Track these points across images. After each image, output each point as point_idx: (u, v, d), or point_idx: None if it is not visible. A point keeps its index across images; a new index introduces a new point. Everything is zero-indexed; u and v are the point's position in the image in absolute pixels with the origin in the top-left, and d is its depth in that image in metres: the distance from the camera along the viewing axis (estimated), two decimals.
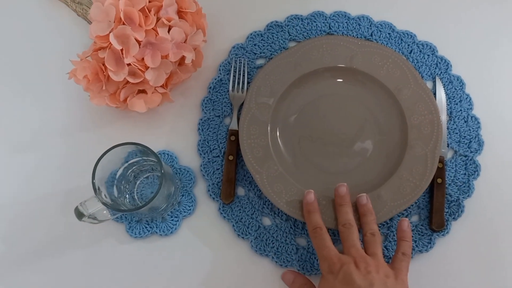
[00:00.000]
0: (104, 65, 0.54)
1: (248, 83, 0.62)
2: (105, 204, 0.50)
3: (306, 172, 0.59)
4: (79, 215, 0.50)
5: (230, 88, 0.62)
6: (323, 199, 0.56)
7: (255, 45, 0.64)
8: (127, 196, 0.57)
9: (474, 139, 0.61)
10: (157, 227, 0.57)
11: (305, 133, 0.60)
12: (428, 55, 0.64)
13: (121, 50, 0.53)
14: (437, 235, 0.57)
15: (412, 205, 0.58)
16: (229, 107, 0.62)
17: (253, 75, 0.63)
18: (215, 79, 0.63)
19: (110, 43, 0.52)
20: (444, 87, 0.63)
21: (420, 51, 0.64)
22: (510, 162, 0.60)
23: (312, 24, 0.65)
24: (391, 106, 0.60)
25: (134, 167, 0.57)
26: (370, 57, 0.61)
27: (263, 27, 0.65)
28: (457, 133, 0.61)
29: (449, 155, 0.60)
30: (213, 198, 0.59)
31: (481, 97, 0.63)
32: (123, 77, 0.54)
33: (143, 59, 0.54)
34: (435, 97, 0.62)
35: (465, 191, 0.59)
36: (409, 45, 0.65)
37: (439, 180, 0.58)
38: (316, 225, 0.52)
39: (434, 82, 0.63)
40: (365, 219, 0.54)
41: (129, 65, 0.53)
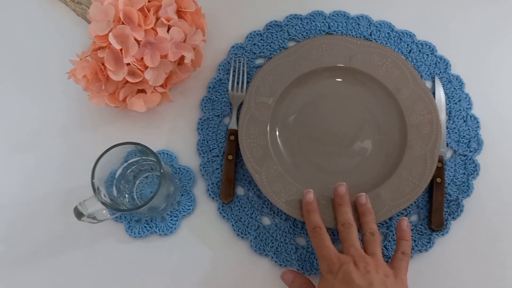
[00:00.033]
0: (103, 64, 0.54)
1: (248, 82, 0.62)
2: (104, 203, 0.50)
3: (305, 172, 0.59)
4: (79, 214, 0.50)
5: (230, 87, 0.62)
6: (323, 198, 0.56)
7: (254, 44, 0.64)
8: (126, 195, 0.57)
9: (473, 139, 0.61)
10: (156, 227, 0.57)
11: (305, 133, 0.60)
12: (427, 54, 0.64)
13: (121, 49, 0.53)
14: (436, 234, 0.57)
15: (412, 205, 0.58)
16: (228, 106, 0.62)
17: (253, 75, 0.63)
18: (214, 78, 0.63)
19: (109, 42, 0.52)
20: (443, 86, 0.63)
21: (419, 51, 0.64)
22: (509, 161, 0.60)
23: (311, 23, 0.65)
24: (390, 106, 0.60)
25: (133, 167, 0.57)
26: (369, 56, 0.61)
27: (262, 26, 0.65)
28: (456, 132, 0.61)
29: (448, 154, 0.60)
30: (213, 198, 0.59)
31: (480, 96, 0.63)
32: (123, 76, 0.54)
33: (142, 58, 0.54)
34: (434, 96, 0.62)
35: (464, 190, 0.59)
36: (408, 44, 0.65)
37: (438, 180, 0.58)
38: (315, 225, 0.52)
39: (433, 82, 0.63)
40: (364, 218, 0.54)
41: (128, 64, 0.53)
